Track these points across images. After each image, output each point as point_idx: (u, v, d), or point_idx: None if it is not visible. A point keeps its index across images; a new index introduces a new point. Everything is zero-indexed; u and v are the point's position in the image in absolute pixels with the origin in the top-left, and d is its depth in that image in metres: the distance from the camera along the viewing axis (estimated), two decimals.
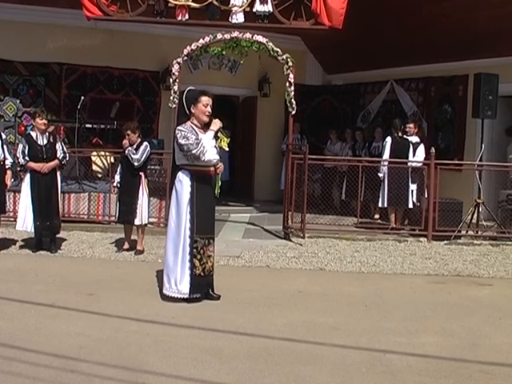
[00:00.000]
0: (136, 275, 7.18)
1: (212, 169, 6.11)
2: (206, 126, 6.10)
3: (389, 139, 10.51)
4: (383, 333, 5.29)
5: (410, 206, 10.37)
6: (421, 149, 10.23)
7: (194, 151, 5.86)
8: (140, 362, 4.43)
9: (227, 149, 6.27)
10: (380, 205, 10.59)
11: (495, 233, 10.00)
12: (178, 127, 6.01)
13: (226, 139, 6.13)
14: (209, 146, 5.94)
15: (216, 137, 6.08)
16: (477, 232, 10.12)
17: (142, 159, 8.27)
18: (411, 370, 4.45)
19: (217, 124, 6.08)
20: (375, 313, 5.90)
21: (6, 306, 5.66)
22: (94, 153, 11.60)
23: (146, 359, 4.48)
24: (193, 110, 6.02)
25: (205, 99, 6.02)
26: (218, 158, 6.08)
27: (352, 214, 11.06)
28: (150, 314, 5.55)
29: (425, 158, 10.20)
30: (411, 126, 10.45)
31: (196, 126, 6.03)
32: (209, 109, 6.04)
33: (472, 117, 10.64)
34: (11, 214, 9.91)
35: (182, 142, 5.89)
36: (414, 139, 10.38)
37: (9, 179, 8.28)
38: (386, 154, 10.45)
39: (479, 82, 10.06)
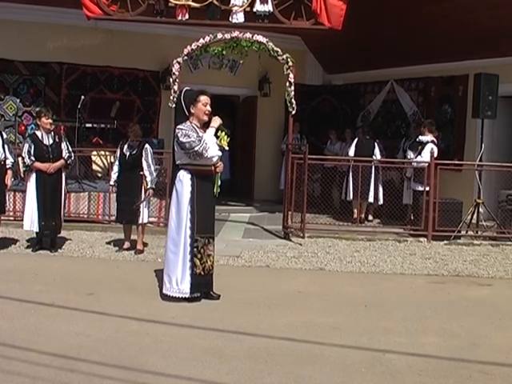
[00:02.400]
0: (136, 275, 7.18)
1: (212, 168, 6.12)
2: (205, 126, 6.11)
3: (355, 140, 11.56)
4: (383, 333, 5.29)
5: (371, 200, 11.28)
6: (426, 149, 10.22)
7: (196, 148, 5.86)
8: (140, 361, 4.43)
9: (227, 148, 6.26)
10: (343, 197, 11.53)
11: (495, 233, 10.00)
12: (179, 126, 6.01)
13: (225, 138, 6.12)
14: (211, 142, 5.95)
15: (216, 136, 6.09)
16: (477, 232, 10.12)
17: (154, 174, 8.33)
18: (411, 370, 4.45)
19: (217, 121, 6.08)
20: (375, 313, 5.90)
21: (5, 305, 5.66)
22: (94, 152, 11.59)
23: (146, 359, 4.49)
24: (192, 110, 6.03)
25: (204, 98, 6.04)
26: (220, 154, 6.09)
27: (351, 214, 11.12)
28: (150, 314, 5.56)
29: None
30: (421, 128, 10.80)
31: (196, 125, 6.04)
32: (208, 107, 6.05)
33: (472, 117, 10.65)
34: (11, 214, 9.92)
35: (183, 140, 5.89)
36: (425, 139, 10.42)
37: (9, 179, 8.27)
38: (351, 152, 11.35)
39: (479, 82, 10.06)
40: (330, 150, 13.03)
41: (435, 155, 10.04)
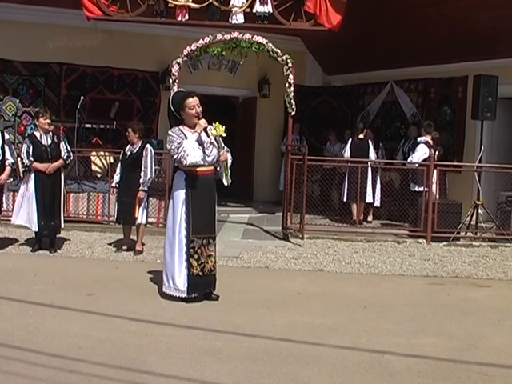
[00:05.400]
0: (135, 275, 7.17)
1: (210, 168, 6.12)
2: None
3: (349, 141, 11.52)
4: (382, 334, 5.29)
5: (369, 200, 11.29)
6: (417, 150, 10.29)
7: (175, 156, 5.98)
8: (139, 362, 4.43)
9: (224, 134, 6.18)
10: (341, 198, 11.49)
11: (494, 234, 10.00)
12: (168, 132, 6.13)
13: (220, 126, 6.06)
14: (190, 149, 5.93)
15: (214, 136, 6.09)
16: (476, 233, 10.12)
17: (149, 175, 8.28)
18: (410, 372, 4.45)
19: (201, 125, 6.06)
20: (374, 314, 5.90)
21: (5, 305, 5.66)
22: (94, 153, 11.59)
23: (145, 359, 4.49)
24: (183, 116, 6.07)
25: (190, 102, 6.02)
26: (201, 159, 5.99)
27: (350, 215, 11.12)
28: (149, 315, 5.55)
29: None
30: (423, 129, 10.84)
31: (188, 127, 6.06)
32: (196, 109, 6.03)
33: (471, 118, 10.64)
34: (10, 214, 9.90)
35: (168, 146, 6.09)
36: (418, 139, 10.52)
37: (6, 175, 8.09)
38: (347, 154, 11.37)
39: (479, 84, 10.06)
40: (329, 151, 13.02)
41: (426, 156, 10.08)
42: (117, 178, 8.54)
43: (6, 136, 8.33)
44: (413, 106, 12.85)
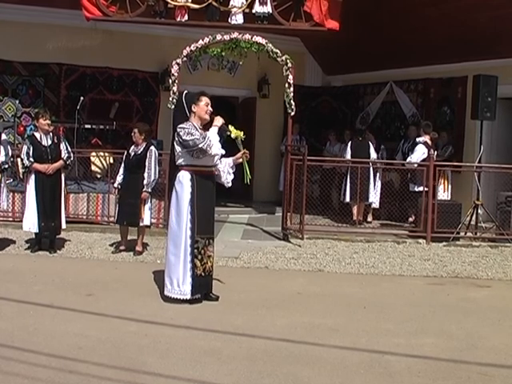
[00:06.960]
0: (135, 276, 7.17)
1: (213, 169, 6.14)
2: (205, 128, 6.11)
3: (349, 142, 11.61)
4: (382, 334, 5.29)
5: (372, 200, 11.32)
6: (416, 150, 10.31)
7: (200, 145, 5.86)
8: (138, 362, 4.43)
9: (244, 136, 6.29)
10: (342, 199, 11.53)
11: (494, 234, 10.00)
12: (180, 125, 5.99)
13: (235, 130, 6.20)
14: (214, 140, 5.95)
15: (224, 132, 6.13)
16: (475, 234, 10.12)
17: (153, 177, 8.28)
18: (410, 372, 4.45)
19: (219, 120, 6.10)
20: (374, 314, 5.90)
21: (4, 306, 5.66)
22: (93, 153, 11.58)
23: (145, 360, 4.48)
24: (194, 109, 6.04)
25: (205, 98, 6.08)
26: (223, 152, 6.10)
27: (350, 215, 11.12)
28: (149, 315, 5.55)
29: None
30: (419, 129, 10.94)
31: (197, 125, 6.04)
32: (210, 107, 6.07)
33: (471, 118, 10.64)
34: (10, 215, 9.91)
35: (187, 138, 5.88)
36: (417, 140, 10.55)
37: None
38: (348, 154, 11.40)
39: (478, 84, 10.06)
40: (329, 152, 13.02)
41: (425, 156, 10.08)
42: (119, 178, 8.46)
43: (4, 137, 8.29)
44: (412, 106, 12.86)
